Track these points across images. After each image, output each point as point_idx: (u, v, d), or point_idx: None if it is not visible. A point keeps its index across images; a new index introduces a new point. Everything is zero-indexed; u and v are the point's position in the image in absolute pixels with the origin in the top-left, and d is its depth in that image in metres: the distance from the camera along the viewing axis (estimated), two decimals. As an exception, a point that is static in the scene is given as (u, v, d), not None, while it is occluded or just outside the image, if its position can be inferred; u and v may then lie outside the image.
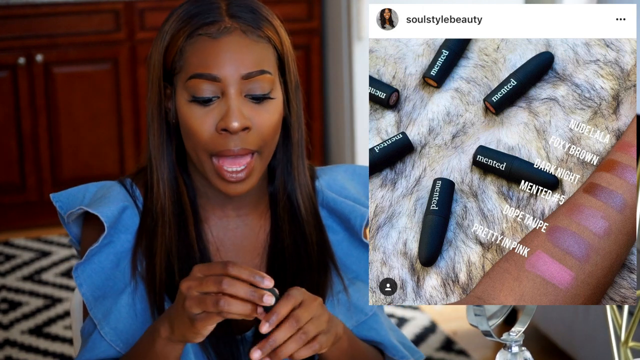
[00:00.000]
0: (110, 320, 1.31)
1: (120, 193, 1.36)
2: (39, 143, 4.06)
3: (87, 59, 4.10)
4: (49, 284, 3.53)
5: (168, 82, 1.33)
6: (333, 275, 1.38)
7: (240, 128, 1.27)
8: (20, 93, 4.02)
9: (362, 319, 1.39)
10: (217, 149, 1.28)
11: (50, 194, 1.38)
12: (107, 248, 1.33)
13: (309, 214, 1.39)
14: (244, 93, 1.29)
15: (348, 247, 1.41)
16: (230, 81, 1.28)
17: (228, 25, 1.30)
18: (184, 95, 1.30)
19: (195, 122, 1.28)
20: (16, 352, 3.07)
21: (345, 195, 1.43)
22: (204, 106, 1.28)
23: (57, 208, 1.37)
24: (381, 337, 1.41)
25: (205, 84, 1.28)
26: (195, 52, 1.29)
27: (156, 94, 1.33)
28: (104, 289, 1.33)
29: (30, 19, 4.01)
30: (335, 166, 1.49)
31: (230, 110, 1.27)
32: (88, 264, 1.33)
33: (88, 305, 1.33)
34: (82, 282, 1.33)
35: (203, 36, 1.29)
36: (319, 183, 1.43)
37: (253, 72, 1.28)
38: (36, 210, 4.13)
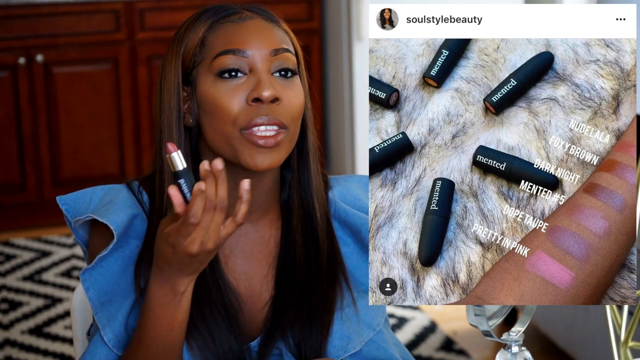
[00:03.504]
0: (114, 326, 1.29)
1: (128, 199, 1.34)
2: (39, 143, 4.06)
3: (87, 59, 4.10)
4: (49, 284, 3.53)
5: (185, 84, 1.33)
6: (343, 288, 1.37)
7: (272, 97, 1.27)
8: (20, 93, 4.02)
9: (371, 335, 1.37)
10: (248, 119, 1.27)
11: (57, 197, 1.36)
12: (116, 253, 1.31)
13: (323, 222, 1.37)
14: (272, 70, 1.30)
15: (357, 259, 1.40)
16: (258, 57, 1.29)
17: (249, 14, 1.33)
18: (209, 78, 1.29)
19: (224, 97, 1.28)
20: (16, 352, 3.07)
21: (359, 207, 1.42)
22: (231, 81, 1.28)
23: (64, 211, 1.35)
24: (388, 355, 1.39)
25: (232, 58, 1.28)
26: (220, 35, 1.30)
27: (175, 97, 1.31)
28: (111, 293, 1.31)
29: (30, 19, 4.01)
30: (349, 176, 1.48)
31: (261, 80, 1.28)
32: (95, 269, 1.31)
33: (94, 309, 1.31)
34: (90, 286, 1.31)
35: (225, 23, 1.31)
36: (332, 193, 1.42)
37: (280, 49, 1.30)
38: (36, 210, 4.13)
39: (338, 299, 1.36)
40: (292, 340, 1.33)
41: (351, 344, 1.35)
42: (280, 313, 1.34)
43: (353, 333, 1.35)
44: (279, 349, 1.33)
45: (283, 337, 1.33)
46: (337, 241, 1.39)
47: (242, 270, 1.36)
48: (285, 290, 1.34)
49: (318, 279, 1.35)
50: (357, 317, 1.36)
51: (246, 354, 1.32)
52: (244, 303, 1.34)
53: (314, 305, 1.34)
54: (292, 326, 1.33)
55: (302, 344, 1.33)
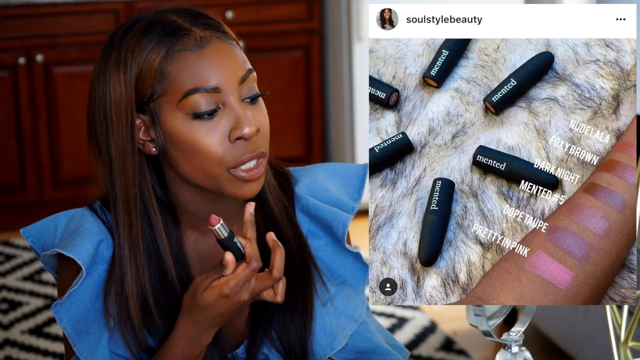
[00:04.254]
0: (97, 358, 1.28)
1: (93, 225, 1.31)
2: (39, 143, 4.06)
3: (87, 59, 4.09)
4: (49, 284, 3.53)
5: (140, 111, 1.26)
6: (317, 283, 1.36)
7: (255, 131, 1.24)
8: (20, 93, 4.02)
9: (354, 328, 1.37)
10: (235, 159, 1.24)
11: (21, 230, 1.33)
12: (85, 281, 1.29)
13: (281, 212, 1.35)
14: (241, 97, 1.25)
15: (332, 251, 1.38)
16: (229, 88, 1.24)
17: (202, 35, 1.25)
18: (178, 117, 1.24)
19: (204, 138, 1.23)
20: (16, 352, 3.07)
21: (328, 197, 1.39)
22: (209, 120, 1.23)
23: (31, 244, 1.34)
24: (374, 344, 1.39)
25: (205, 97, 1.23)
26: (183, 69, 1.23)
27: (126, 128, 1.25)
28: (85, 322, 1.29)
29: (30, 19, 4.01)
30: (313, 166, 1.44)
31: (241, 117, 1.24)
32: (67, 299, 1.29)
33: (71, 341, 1.28)
34: (62, 316, 1.28)
35: (184, 51, 1.23)
36: (299, 188, 1.39)
37: (245, 74, 1.25)
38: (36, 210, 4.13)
39: (315, 295, 1.35)
40: (277, 342, 1.33)
41: (336, 341, 1.35)
42: (260, 315, 1.33)
43: (336, 328, 1.35)
44: (265, 353, 1.33)
45: (267, 340, 1.33)
46: (301, 230, 1.37)
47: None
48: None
49: (291, 268, 1.33)
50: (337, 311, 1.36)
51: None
52: None
53: (292, 303, 1.33)
54: (274, 327, 1.33)
55: (286, 345, 1.33)
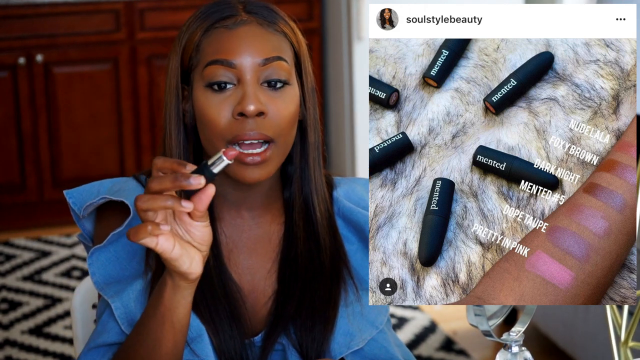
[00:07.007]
0: (122, 297, 1.29)
1: (137, 189, 1.35)
2: (39, 143, 4.06)
3: (87, 59, 4.10)
4: (49, 284, 3.53)
5: (185, 83, 1.34)
6: (348, 284, 1.37)
7: (256, 111, 1.27)
8: (20, 93, 4.02)
9: (373, 334, 1.37)
10: (233, 133, 1.27)
11: (64, 191, 1.36)
12: (125, 238, 1.32)
13: (323, 219, 1.38)
14: (261, 80, 1.29)
15: (362, 257, 1.40)
16: (246, 68, 1.28)
17: (244, 18, 1.32)
18: (200, 86, 1.30)
19: (212, 109, 1.28)
20: (16, 352, 3.07)
21: (363, 207, 1.43)
22: (220, 92, 1.28)
23: (70, 204, 1.35)
24: (390, 355, 1.39)
25: (221, 69, 1.28)
26: (212, 43, 1.30)
27: (174, 97, 1.33)
28: (117, 277, 1.31)
29: (30, 19, 4.01)
30: (353, 178, 1.48)
31: (246, 94, 1.27)
32: (104, 251, 1.31)
33: (99, 288, 1.31)
34: (95, 270, 1.31)
35: (220, 28, 1.31)
36: (337, 192, 1.43)
37: (270, 58, 1.29)
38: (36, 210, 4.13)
39: (342, 295, 1.36)
40: (294, 335, 1.33)
41: (354, 341, 1.35)
42: (283, 308, 1.34)
43: (356, 330, 1.36)
44: (282, 344, 1.34)
45: (285, 332, 1.33)
46: (340, 238, 1.39)
47: (245, 265, 1.37)
48: (288, 286, 1.35)
49: (321, 275, 1.36)
50: (361, 314, 1.36)
51: (249, 348, 1.32)
52: (247, 298, 1.35)
53: (317, 300, 1.34)
54: (295, 321, 1.33)
55: (304, 339, 1.33)
